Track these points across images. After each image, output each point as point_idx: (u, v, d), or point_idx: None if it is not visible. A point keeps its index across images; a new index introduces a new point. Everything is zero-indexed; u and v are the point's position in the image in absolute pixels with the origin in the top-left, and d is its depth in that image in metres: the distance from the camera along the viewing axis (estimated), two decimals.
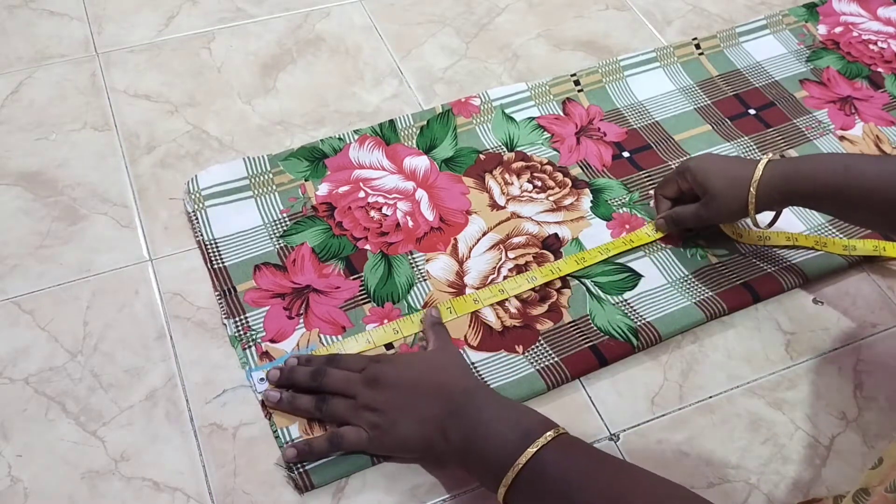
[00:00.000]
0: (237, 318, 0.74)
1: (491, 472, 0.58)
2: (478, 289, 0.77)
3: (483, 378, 0.71)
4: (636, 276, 0.79)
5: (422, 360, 0.69)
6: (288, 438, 0.67)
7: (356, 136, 0.88)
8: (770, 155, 0.73)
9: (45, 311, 0.75)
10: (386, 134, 0.89)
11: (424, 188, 0.85)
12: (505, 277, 0.78)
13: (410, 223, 0.82)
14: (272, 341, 0.73)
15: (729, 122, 0.94)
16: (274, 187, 0.84)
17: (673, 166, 0.88)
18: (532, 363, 0.72)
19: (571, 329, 0.75)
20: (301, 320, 0.74)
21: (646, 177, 0.88)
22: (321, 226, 0.81)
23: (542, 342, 0.74)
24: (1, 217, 0.81)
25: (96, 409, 0.69)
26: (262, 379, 0.70)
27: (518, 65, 1.00)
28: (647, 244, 0.81)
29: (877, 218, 0.70)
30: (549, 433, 0.57)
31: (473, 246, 0.81)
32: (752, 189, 0.71)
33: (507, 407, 0.62)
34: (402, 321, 0.75)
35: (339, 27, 1.03)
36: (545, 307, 0.76)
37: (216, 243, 0.79)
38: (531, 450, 0.56)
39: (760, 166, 0.72)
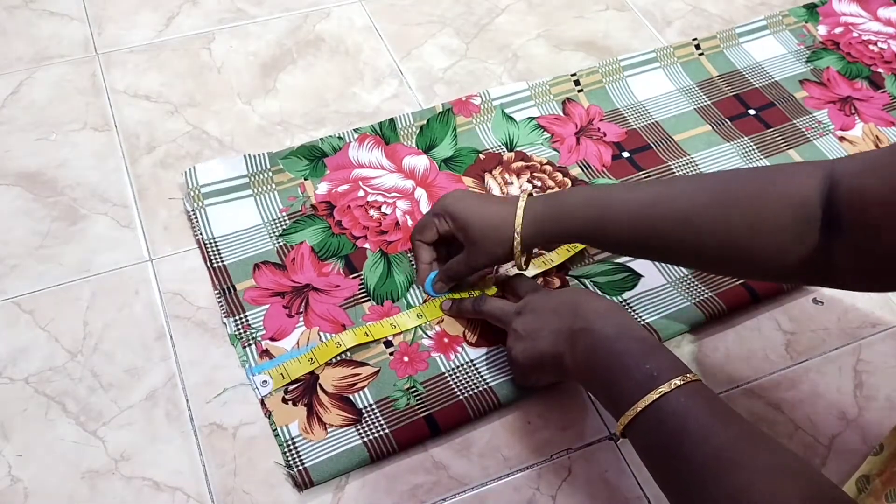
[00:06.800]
0: (237, 317, 0.74)
1: (611, 404, 0.58)
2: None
3: (482, 375, 0.71)
4: (636, 276, 0.79)
5: (566, 291, 0.71)
6: (288, 437, 0.67)
7: (356, 135, 0.88)
8: (529, 191, 0.71)
9: (45, 311, 0.75)
10: (386, 133, 0.89)
11: (424, 187, 0.85)
12: None
13: (410, 222, 0.82)
14: (272, 339, 0.73)
15: (729, 123, 0.94)
16: (273, 185, 0.84)
17: (672, 166, 0.88)
18: None
19: None
20: (301, 318, 0.74)
21: (646, 177, 0.88)
22: (321, 224, 0.81)
23: None
24: (1, 217, 0.81)
25: (96, 408, 0.69)
26: (264, 382, 0.70)
27: (518, 65, 1.00)
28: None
29: (633, 249, 0.69)
30: (675, 380, 0.55)
31: None
32: (516, 235, 0.69)
33: (638, 340, 0.60)
34: (399, 317, 0.75)
35: (339, 27, 1.03)
36: None
37: (216, 242, 0.79)
38: (652, 395, 0.55)
39: (520, 210, 0.68)
